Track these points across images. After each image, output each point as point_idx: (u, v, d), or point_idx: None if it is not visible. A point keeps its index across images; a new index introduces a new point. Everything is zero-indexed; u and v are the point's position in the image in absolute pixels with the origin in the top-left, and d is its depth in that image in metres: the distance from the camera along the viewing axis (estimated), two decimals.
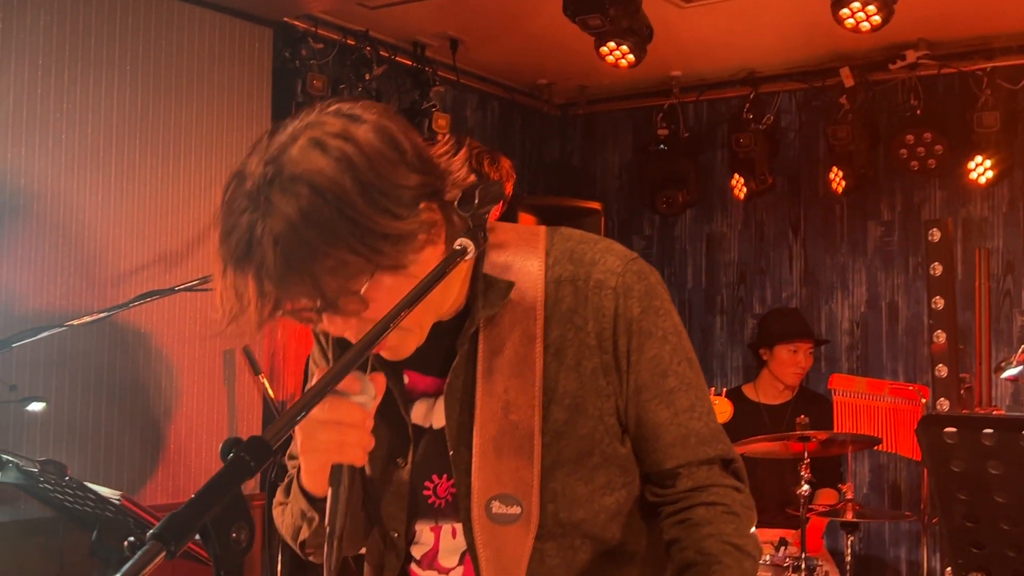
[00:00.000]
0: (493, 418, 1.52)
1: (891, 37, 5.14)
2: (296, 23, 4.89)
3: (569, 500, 1.53)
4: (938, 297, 3.96)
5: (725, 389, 4.42)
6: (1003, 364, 3.00)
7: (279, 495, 1.67)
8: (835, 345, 5.86)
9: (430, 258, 1.42)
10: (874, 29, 3.80)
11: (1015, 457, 1.92)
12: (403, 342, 1.47)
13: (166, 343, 4.28)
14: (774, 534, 4.65)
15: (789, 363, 5.15)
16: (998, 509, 1.99)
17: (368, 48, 5.19)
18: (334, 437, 1.38)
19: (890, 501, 5.69)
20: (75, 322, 3.37)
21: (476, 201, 1.47)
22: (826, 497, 4.94)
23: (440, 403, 1.56)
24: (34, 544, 3.75)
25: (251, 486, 4.59)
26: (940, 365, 4.00)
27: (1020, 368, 3.10)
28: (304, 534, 1.58)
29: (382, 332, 1.32)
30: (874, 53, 5.45)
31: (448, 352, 1.54)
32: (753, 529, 1.58)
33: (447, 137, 1.49)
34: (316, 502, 1.51)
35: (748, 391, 5.31)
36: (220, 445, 1.22)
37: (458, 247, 1.43)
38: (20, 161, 3.84)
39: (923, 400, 4.43)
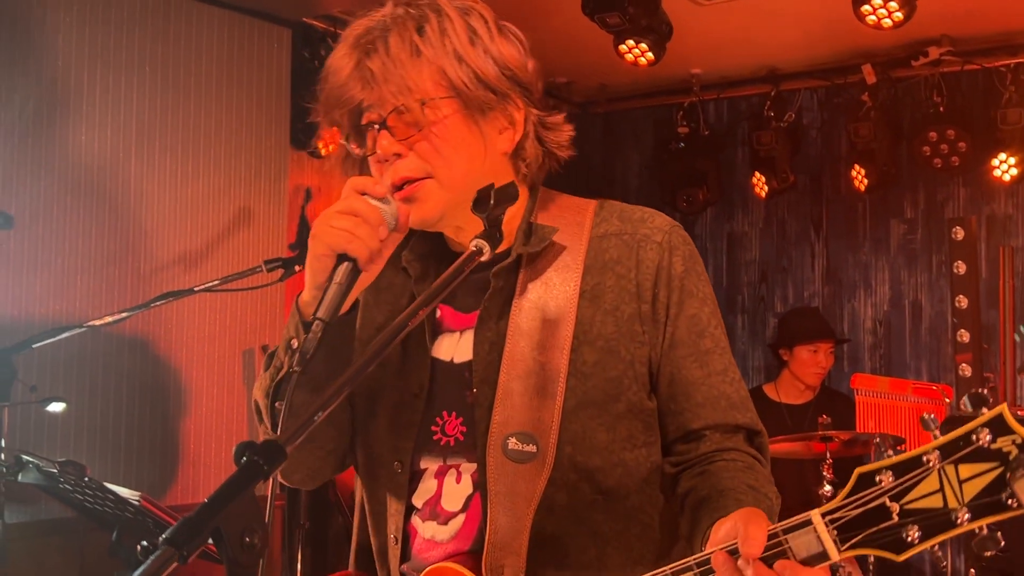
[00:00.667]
0: (521, 357, 1.53)
1: (914, 34, 5.10)
2: (315, 23, 4.91)
3: (588, 445, 1.52)
4: (961, 296, 3.93)
5: None
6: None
7: (263, 365, 1.64)
8: (858, 344, 5.83)
9: (499, 140, 1.57)
10: (896, 26, 3.77)
11: None
12: (432, 196, 1.52)
13: (185, 343, 4.31)
14: None
15: (810, 363, 5.13)
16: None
17: None
18: (347, 225, 1.42)
19: None
20: (95, 322, 3.39)
21: (492, 202, 1.49)
22: None
23: (466, 338, 1.58)
24: (55, 544, 3.78)
25: (271, 486, 4.62)
26: (964, 364, 3.96)
27: None
28: (283, 371, 1.52)
29: (402, 327, 1.32)
30: (896, 50, 5.41)
31: (483, 288, 1.57)
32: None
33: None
34: (306, 319, 1.48)
35: (769, 391, 5.29)
36: (234, 448, 1.22)
37: (474, 247, 1.44)
38: (40, 164, 3.87)
39: (947, 400, 4.40)
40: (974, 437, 1.13)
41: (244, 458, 1.17)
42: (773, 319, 6.09)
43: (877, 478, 1.19)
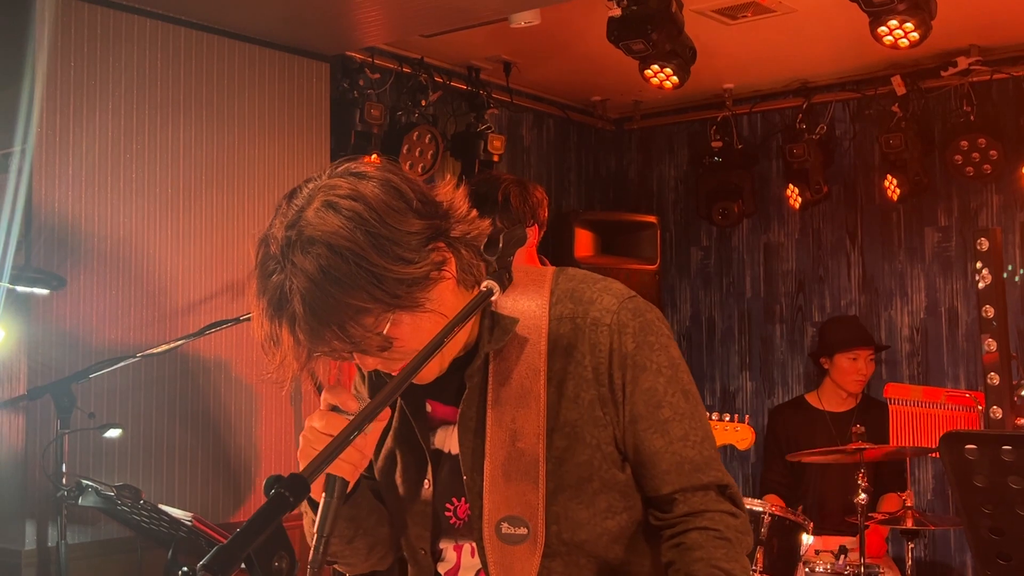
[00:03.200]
0: (502, 446, 1.64)
1: (942, 44, 5.15)
2: (353, 54, 5.07)
3: (572, 523, 1.64)
4: (988, 306, 3.98)
5: (748, 416, 4.48)
6: (1020, 380, 3.02)
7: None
8: (896, 352, 5.87)
9: (443, 291, 1.56)
10: (912, 45, 3.84)
11: None
12: (427, 369, 1.60)
13: (233, 368, 4.45)
14: (835, 542, 4.69)
15: (850, 371, 5.18)
16: (1021, 522, 2.05)
17: (424, 75, 5.35)
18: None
19: (955, 507, 5.67)
20: (149, 352, 3.56)
21: (501, 246, 1.62)
22: (890, 503, 4.96)
23: (454, 432, 1.69)
24: (114, 562, 3.92)
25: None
26: (992, 373, 4.00)
27: None
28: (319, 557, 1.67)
29: (412, 373, 1.47)
30: (925, 61, 5.46)
31: (462, 384, 1.67)
32: (747, 553, 1.67)
33: (447, 178, 1.67)
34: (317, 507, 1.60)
35: (812, 399, 5.35)
36: (264, 481, 1.35)
37: (484, 288, 1.58)
38: (94, 201, 4.04)
39: (979, 407, 4.44)
40: None
41: (273, 490, 1.32)
42: (811, 328, 6.14)
43: None
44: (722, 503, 1.68)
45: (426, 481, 1.72)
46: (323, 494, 1.49)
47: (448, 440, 1.72)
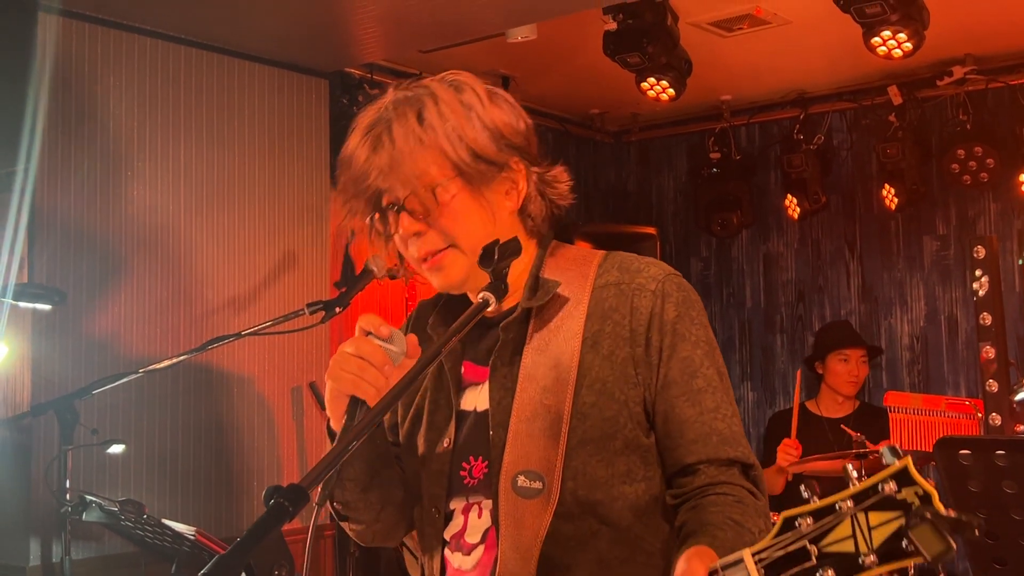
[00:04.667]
0: (530, 401, 1.67)
1: (938, 54, 5.19)
2: (352, 71, 5.10)
3: (588, 480, 1.64)
4: (985, 313, 4.00)
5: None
6: (1015, 387, 3.04)
7: None
8: (896, 360, 5.88)
9: (503, 203, 1.73)
10: (906, 55, 3.88)
11: None
12: (456, 263, 1.70)
13: (236, 383, 4.47)
14: None
15: (842, 373, 5.21)
16: (1016, 526, 2.06)
17: None
18: (354, 369, 1.56)
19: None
20: (151, 367, 3.58)
21: (496, 256, 1.66)
22: None
23: (485, 389, 1.73)
24: None
25: (322, 516, 4.77)
26: (991, 380, 4.02)
27: None
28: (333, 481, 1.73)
29: (414, 378, 1.50)
30: (921, 70, 5.49)
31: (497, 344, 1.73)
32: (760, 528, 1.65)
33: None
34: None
35: (811, 406, 5.37)
36: (264, 491, 1.38)
37: (481, 299, 1.62)
38: (96, 219, 4.07)
39: (979, 415, 4.45)
40: (881, 487, 1.21)
41: (272, 500, 1.34)
42: (811, 338, 6.16)
43: (797, 522, 1.28)
44: (745, 482, 1.67)
45: (446, 439, 1.75)
46: (344, 418, 1.56)
47: (477, 399, 1.75)
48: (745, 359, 6.39)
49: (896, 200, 5.61)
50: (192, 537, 3.14)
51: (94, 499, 3.42)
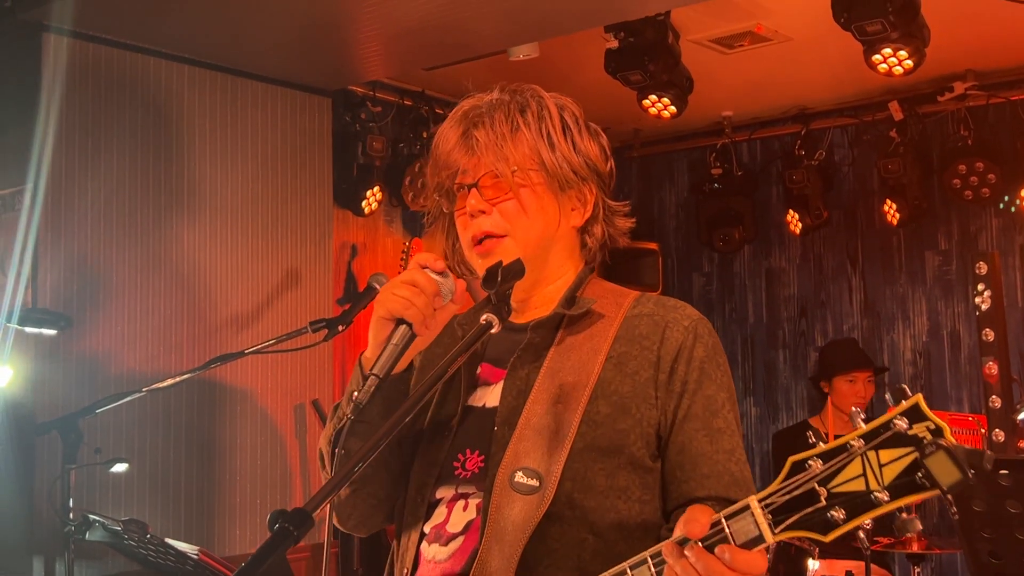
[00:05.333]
0: (541, 406, 1.68)
1: (938, 70, 5.20)
2: (355, 88, 5.12)
3: (586, 484, 1.63)
4: (988, 330, 4.00)
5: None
6: (1018, 407, 3.04)
7: (329, 415, 1.84)
8: (898, 375, 5.88)
9: (565, 220, 1.79)
10: (907, 73, 3.89)
11: None
12: (508, 255, 1.72)
13: (239, 402, 4.48)
14: (842, 566, 4.68)
15: (849, 394, 5.19)
16: (1020, 546, 2.07)
17: (425, 107, 5.40)
18: (406, 294, 1.63)
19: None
20: (154, 386, 3.58)
21: (499, 278, 1.66)
22: None
23: (497, 388, 1.74)
24: None
25: (324, 534, 4.77)
26: (993, 396, 4.02)
27: None
28: (343, 421, 1.68)
29: (424, 393, 1.51)
30: (922, 86, 5.51)
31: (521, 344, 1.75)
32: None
33: None
34: (367, 374, 1.66)
35: (816, 423, 5.36)
36: (268, 515, 1.38)
37: (484, 321, 1.61)
38: (100, 238, 4.09)
39: (982, 431, 4.45)
40: (893, 424, 1.23)
41: (277, 525, 1.35)
42: (814, 353, 6.16)
43: (807, 464, 1.29)
44: None
45: (447, 431, 1.75)
46: (384, 344, 1.62)
47: (487, 396, 1.76)
48: (748, 374, 6.39)
49: (898, 215, 5.62)
50: (195, 557, 3.15)
51: (97, 518, 3.42)
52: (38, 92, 3.88)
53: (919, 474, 1.21)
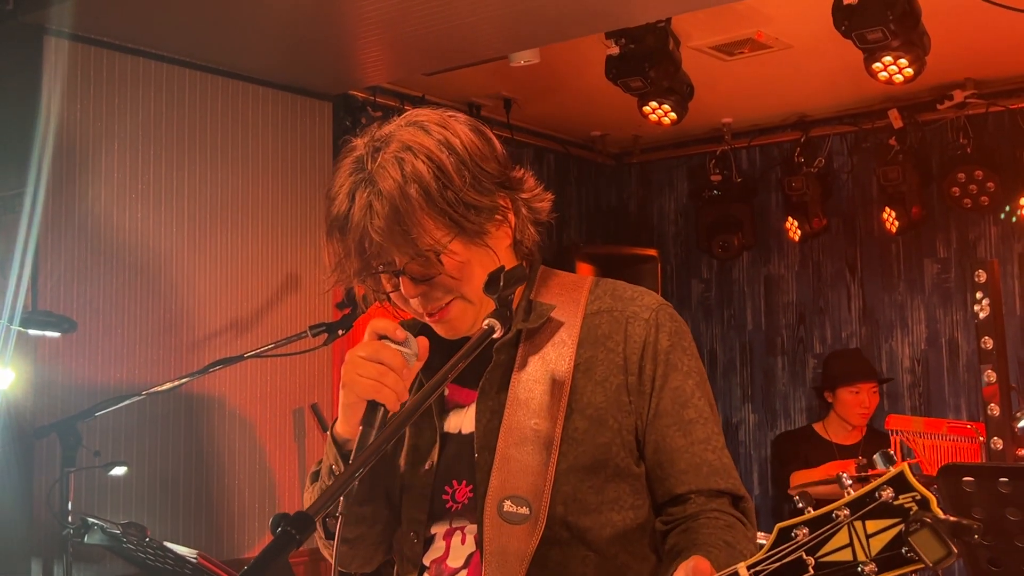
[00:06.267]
0: (518, 426, 1.65)
1: (938, 78, 5.21)
2: (356, 93, 5.12)
3: (578, 505, 1.62)
4: (987, 337, 4.01)
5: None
6: (1018, 415, 3.05)
7: (308, 482, 1.81)
8: (897, 383, 5.89)
9: (501, 239, 1.70)
10: (907, 81, 3.90)
11: None
12: (463, 313, 1.68)
13: (238, 405, 4.48)
14: None
15: (853, 404, 5.20)
16: (1019, 553, 2.07)
17: None
18: (373, 374, 1.54)
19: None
20: (154, 390, 3.58)
21: (501, 283, 1.65)
22: None
23: (471, 411, 1.71)
24: None
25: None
26: (992, 404, 4.03)
27: None
28: (337, 513, 1.66)
29: (422, 403, 1.50)
30: (922, 94, 5.52)
31: (487, 365, 1.70)
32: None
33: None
34: (343, 451, 1.64)
35: (819, 429, 5.37)
36: (271, 519, 1.38)
37: (486, 326, 1.60)
38: (100, 242, 4.09)
39: (981, 438, 4.45)
40: (878, 494, 1.21)
41: (279, 528, 1.35)
42: (813, 360, 6.17)
43: (793, 533, 1.27)
44: (735, 511, 1.66)
45: (429, 462, 1.72)
46: (361, 425, 1.53)
47: (461, 421, 1.73)
48: (746, 381, 6.40)
49: (897, 223, 5.63)
50: (194, 560, 3.14)
51: (96, 521, 3.42)
52: (39, 95, 3.88)
53: (905, 548, 1.20)
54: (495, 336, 1.61)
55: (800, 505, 1.31)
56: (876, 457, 1.27)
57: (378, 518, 1.76)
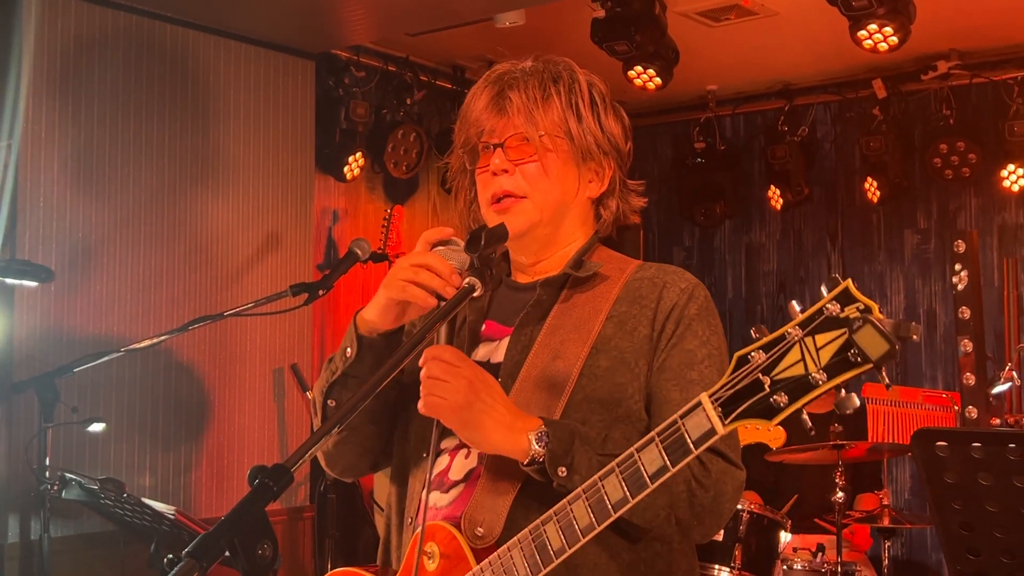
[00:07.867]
0: (542, 360, 1.74)
1: (922, 48, 5.21)
2: (339, 53, 5.09)
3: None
4: (964, 308, 4.03)
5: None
6: (993, 381, 3.08)
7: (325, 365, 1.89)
8: None
9: (583, 190, 1.84)
10: (892, 49, 3.90)
11: (1003, 468, 2.02)
12: (525, 213, 1.78)
13: (218, 364, 4.47)
14: (813, 540, 4.73)
15: None
16: (991, 518, 2.09)
17: (409, 74, 5.37)
18: (408, 276, 1.68)
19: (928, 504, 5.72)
20: (133, 347, 3.57)
21: (482, 242, 1.67)
22: (867, 502, 5.00)
23: (502, 345, 1.80)
24: (97, 556, 3.95)
25: (301, 498, 4.78)
26: (968, 374, 4.06)
27: (1008, 385, 3.19)
28: (336, 374, 1.80)
29: (405, 355, 1.55)
30: (906, 64, 5.52)
31: (525, 307, 1.81)
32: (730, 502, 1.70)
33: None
34: (363, 338, 1.76)
35: None
36: (248, 471, 1.39)
37: (467, 284, 1.66)
38: (79, 196, 4.06)
39: (956, 408, 4.50)
40: (825, 309, 1.31)
41: (256, 480, 1.36)
42: None
43: (750, 356, 1.37)
44: (716, 461, 1.68)
45: None
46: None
47: (491, 353, 1.82)
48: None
49: (879, 193, 5.64)
50: (172, 516, 3.15)
51: (74, 477, 3.42)
52: (16, 46, 3.84)
53: (851, 351, 1.29)
54: (475, 295, 1.64)
55: (756, 336, 1.39)
56: (822, 287, 1.33)
57: (374, 418, 1.85)
